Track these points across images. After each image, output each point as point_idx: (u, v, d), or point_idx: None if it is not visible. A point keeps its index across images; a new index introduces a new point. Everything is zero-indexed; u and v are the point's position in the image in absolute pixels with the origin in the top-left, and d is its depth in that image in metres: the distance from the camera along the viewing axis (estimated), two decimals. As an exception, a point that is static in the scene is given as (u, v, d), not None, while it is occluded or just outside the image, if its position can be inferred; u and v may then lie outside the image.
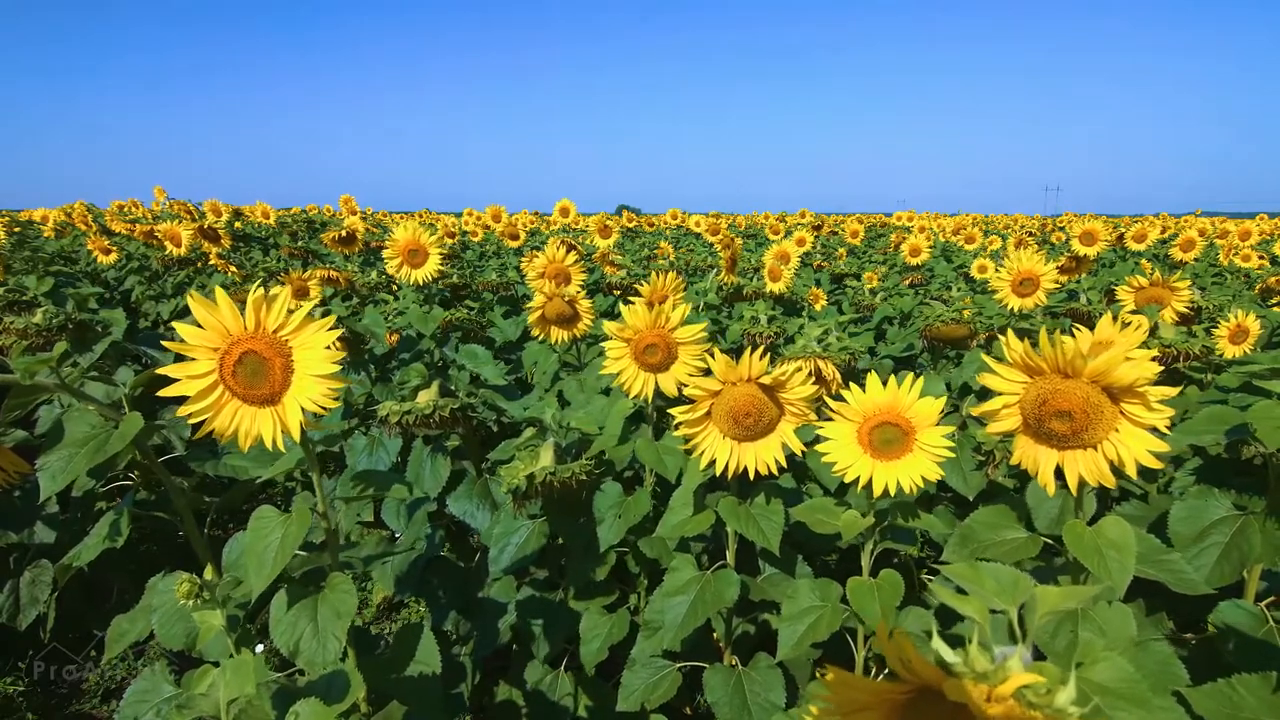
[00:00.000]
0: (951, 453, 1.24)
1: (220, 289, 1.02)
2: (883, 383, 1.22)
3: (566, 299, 2.15)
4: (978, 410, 1.06)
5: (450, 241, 6.42)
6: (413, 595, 2.23)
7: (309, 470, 1.23)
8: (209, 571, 1.25)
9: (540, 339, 2.27)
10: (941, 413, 1.22)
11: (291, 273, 2.99)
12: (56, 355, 1.41)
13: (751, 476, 1.39)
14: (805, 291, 3.63)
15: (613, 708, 1.69)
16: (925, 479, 1.23)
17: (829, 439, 1.28)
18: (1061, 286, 3.61)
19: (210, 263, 4.27)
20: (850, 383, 1.30)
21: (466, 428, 1.98)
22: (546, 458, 1.56)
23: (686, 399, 1.34)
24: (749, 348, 1.27)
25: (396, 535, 2.13)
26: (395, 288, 3.45)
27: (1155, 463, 0.95)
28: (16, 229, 6.23)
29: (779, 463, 1.34)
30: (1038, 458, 1.02)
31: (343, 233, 3.76)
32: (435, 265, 2.65)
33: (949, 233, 8.68)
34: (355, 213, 7.34)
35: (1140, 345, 0.93)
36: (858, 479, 1.26)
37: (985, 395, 1.05)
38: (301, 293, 2.87)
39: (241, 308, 1.00)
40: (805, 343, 1.86)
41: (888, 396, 1.23)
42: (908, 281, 5.11)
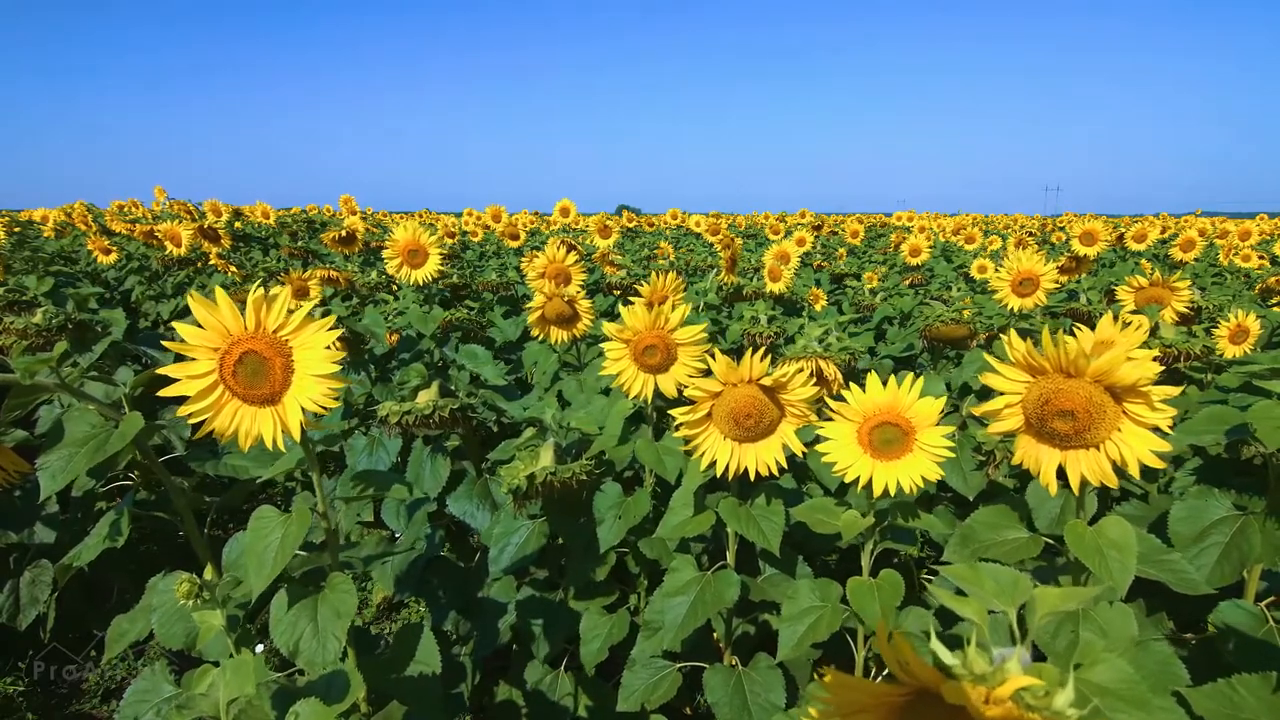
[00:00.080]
0: (951, 453, 1.24)
1: (220, 289, 1.02)
2: (883, 383, 1.22)
3: (566, 299, 2.15)
4: (979, 410, 1.06)
5: (450, 241, 6.42)
6: (413, 595, 2.23)
7: (309, 470, 1.23)
8: (209, 571, 1.25)
9: (540, 339, 2.27)
10: (941, 413, 1.22)
11: (291, 273, 2.99)
12: (56, 355, 1.41)
13: (752, 478, 1.38)
14: (805, 291, 3.63)
15: (613, 708, 1.69)
16: (925, 479, 1.23)
17: (829, 439, 1.28)
18: (1061, 286, 3.62)
19: (210, 263, 4.27)
20: (850, 383, 1.30)
21: (466, 428, 1.98)
22: (547, 458, 1.55)
23: (687, 400, 1.33)
24: (749, 348, 1.27)
25: (396, 535, 2.13)
26: (395, 288, 3.45)
27: (1158, 462, 0.95)
28: (16, 229, 6.23)
29: (779, 464, 1.34)
30: (1040, 457, 1.02)
31: (343, 233, 3.76)
32: (435, 265, 2.65)
33: (949, 233, 8.68)
34: (355, 213, 7.34)
35: (1141, 345, 0.94)
36: (858, 479, 1.26)
37: (986, 395, 1.05)
38: (301, 293, 2.87)
39: (241, 308, 1.00)
40: (806, 343, 1.86)
41: (888, 396, 1.22)
42: (908, 281, 5.11)
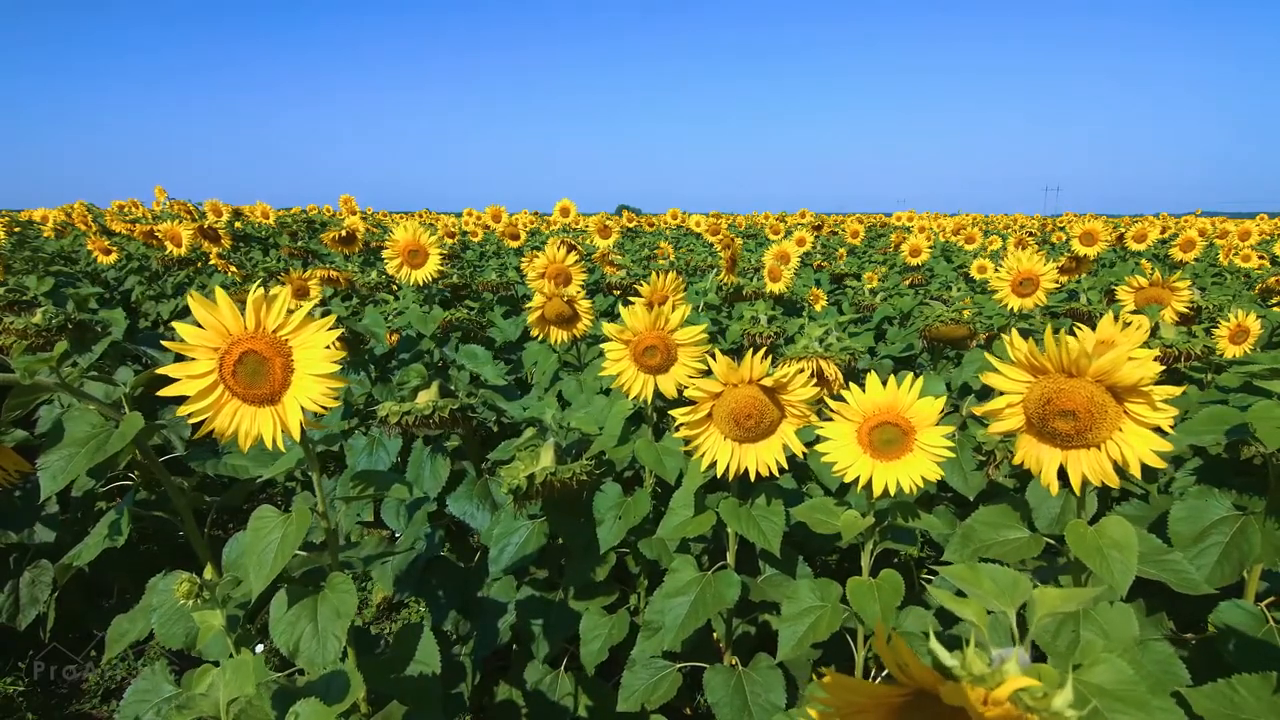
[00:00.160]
0: (951, 453, 1.23)
1: (220, 289, 1.02)
2: (882, 383, 1.22)
3: (566, 299, 2.15)
4: (981, 410, 1.06)
5: (450, 241, 6.42)
6: (412, 595, 2.23)
7: (309, 470, 1.23)
8: (209, 571, 1.25)
9: (540, 339, 2.27)
10: (941, 413, 1.22)
11: (292, 272, 2.99)
12: (57, 355, 1.41)
13: (752, 478, 1.38)
14: (805, 291, 3.63)
15: (613, 708, 1.69)
16: (925, 479, 1.23)
17: (829, 439, 1.28)
18: (1061, 286, 3.62)
19: (210, 263, 4.27)
20: (850, 383, 1.29)
21: (466, 428, 1.98)
22: (547, 458, 1.55)
23: (687, 400, 1.33)
24: (750, 349, 1.27)
25: (396, 535, 2.13)
26: (395, 288, 3.45)
27: (1159, 462, 0.95)
28: (16, 229, 6.23)
29: (780, 464, 1.34)
30: (1041, 457, 1.01)
31: (343, 233, 3.76)
32: (435, 265, 2.65)
33: (949, 233, 8.68)
34: (355, 213, 7.34)
35: (1141, 345, 0.94)
36: (857, 479, 1.26)
37: (986, 395, 1.05)
38: (302, 292, 2.87)
39: (241, 308, 1.00)
40: (807, 343, 1.86)
41: (887, 396, 1.22)
42: (908, 281, 5.11)
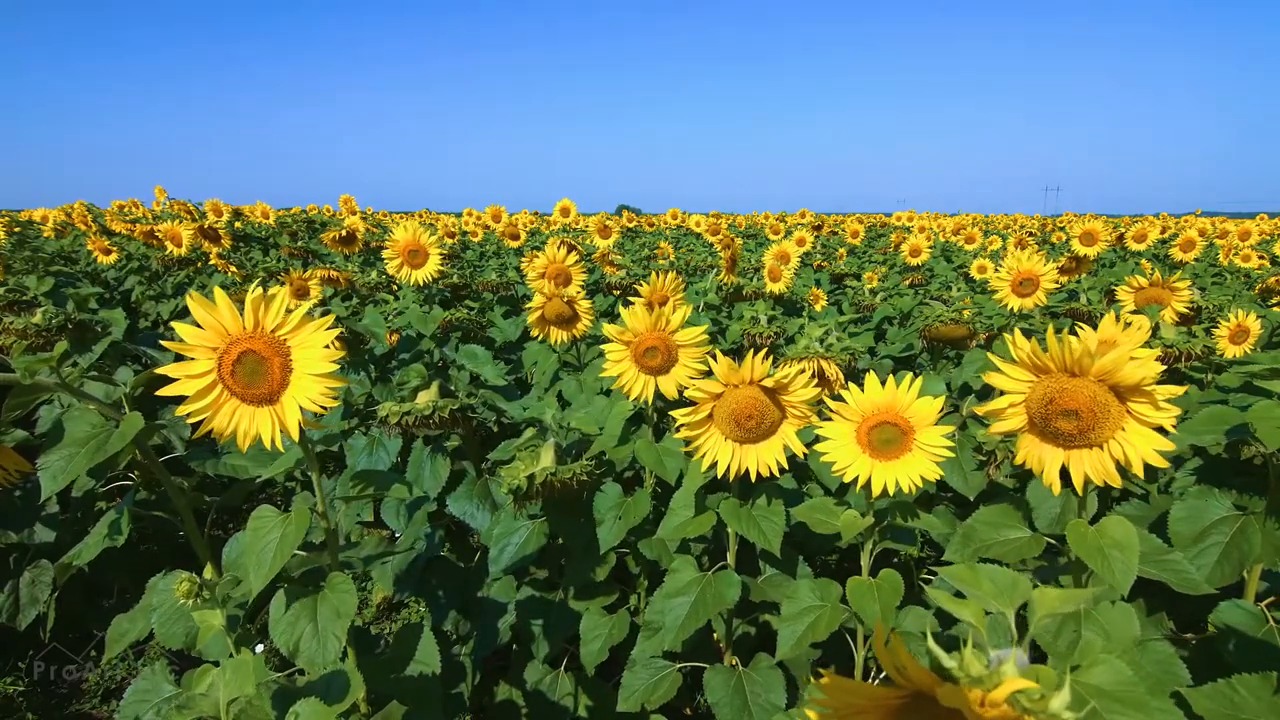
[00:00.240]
0: (950, 452, 1.23)
1: (219, 289, 1.02)
2: (881, 383, 1.22)
3: (566, 299, 2.15)
4: (982, 409, 1.06)
5: (450, 241, 6.42)
6: (412, 595, 2.23)
7: (308, 470, 1.23)
8: (209, 571, 1.25)
9: (540, 339, 2.27)
10: (941, 412, 1.22)
11: (292, 272, 2.99)
12: (57, 355, 1.41)
13: (753, 478, 1.38)
14: (805, 291, 3.63)
15: (613, 708, 1.69)
16: (924, 478, 1.23)
17: (828, 438, 1.28)
18: (1061, 286, 3.62)
19: (210, 263, 4.27)
20: (850, 383, 1.29)
21: (466, 428, 1.98)
22: (547, 458, 1.55)
23: (687, 400, 1.33)
24: (751, 349, 1.27)
25: (396, 535, 2.13)
26: (395, 288, 3.45)
27: (1161, 461, 0.94)
28: (16, 229, 6.23)
29: (780, 464, 1.34)
30: (1043, 457, 1.01)
31: (343, 233, 3.76)
32: (435, 265, 2.65)
33: (949, 233, 8.68)
34: (355, 213, 7.34)
35: (1142, 345, 0.93)
36: (856, 478, 1.26)
37: (987, 395, 1.04)
38: (302, 292, 2.87)
39: (240, 308, 1.00)
40: (808, 343, 1.86)
41: (886, 396, 1.22)
42: (908, 281, 5.11)
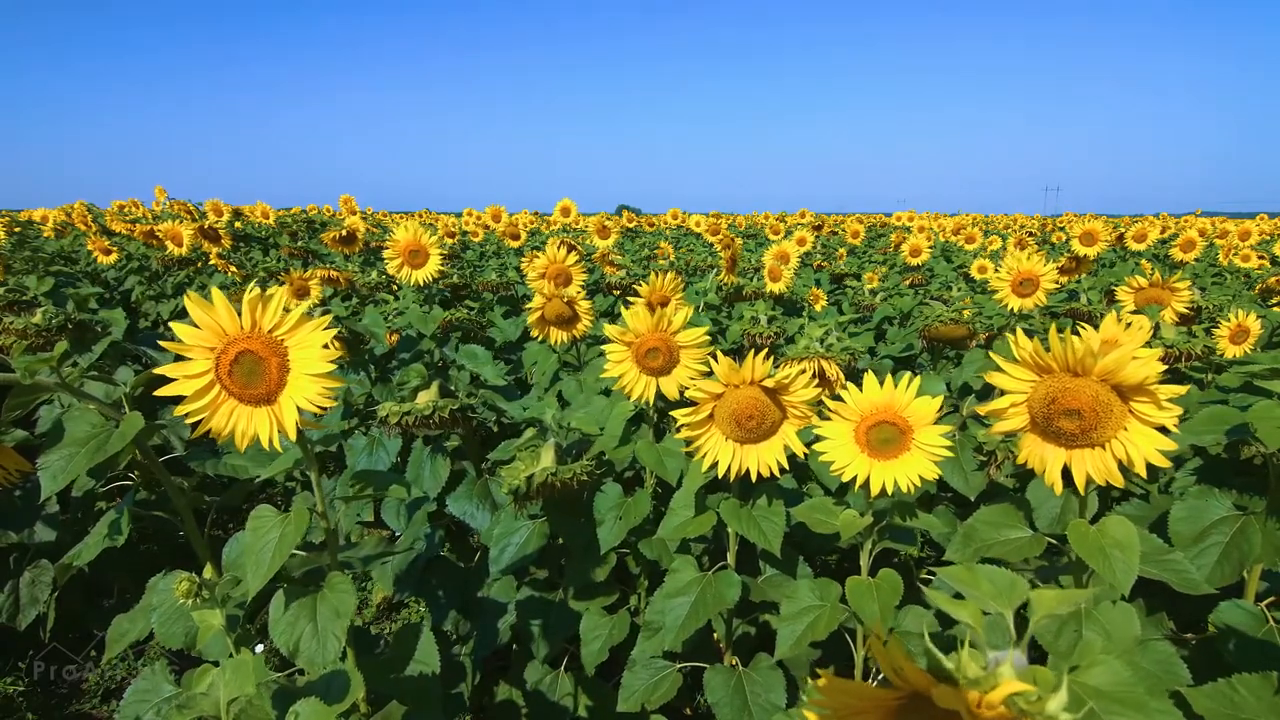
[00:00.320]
0: (949, 452, 1.23)
1: (216, 290, 1.01)
2: (880, 383, 1.22)
3: (566, 300, 2.15)
4: (984, 409, 1.05)
5: (450, 241, 6.42)
6: (412, 595, 2.23)
7: (308, 470, 1.23)
8: (209, 571, 1.25)
9: (540, 339, 2.27)
10: (940, 412, 1.22)
11: (292, 272, 2.99)
12: (57, 355, 1.41)
13: (754, 479, 1.38)
14: (805, 291, 3.63)
15: (613, 708, 1.69)
16: (923, 478, 1.23)
17: (826, 438, 1.28)
18: (1061, 287, 3.61)
19: (210, 263, 4.27)
20: (850, 382, 1.29)
21: (466, 428, 1.98)
22: (547, 458, 1.55)
23: (688, 401, 1.33)
24: (751, 349, 1.27)
25: (396, 535, 2.13)
26: (395, 288, 3.45)
27: (1164, 461, 0.94)
28: (16, 229, 6.23)
29: (781, 465, 1.34)
30: (1045, 457, 1.01)
31: (343, 233, 3.76)
32: (436, 265, 2.65)
33: (949, 233, 8.68)
34: (355, 213, 7.34)
35: (1143, 345, 0.93)
36: (855, 478, 1.25)
37: (987, 395, 1.04)
38: (302, 292, 2.87)
39: (239, 308, 1.00)
40: (808, 343, 1.85)
41: (884, 396, 1.22)
42: (908, 281, 5.11)
